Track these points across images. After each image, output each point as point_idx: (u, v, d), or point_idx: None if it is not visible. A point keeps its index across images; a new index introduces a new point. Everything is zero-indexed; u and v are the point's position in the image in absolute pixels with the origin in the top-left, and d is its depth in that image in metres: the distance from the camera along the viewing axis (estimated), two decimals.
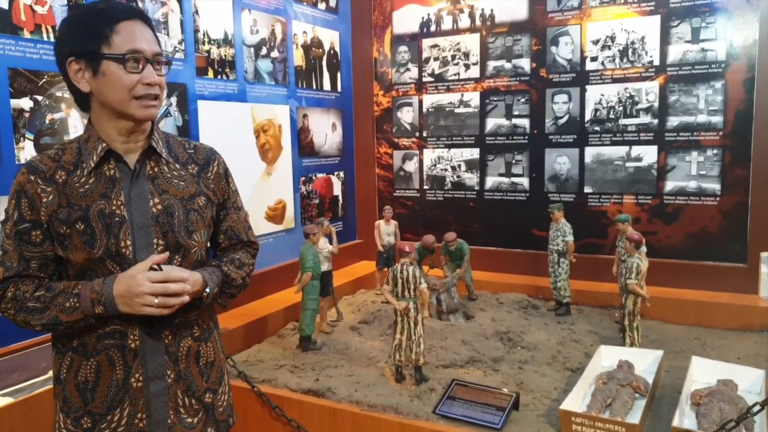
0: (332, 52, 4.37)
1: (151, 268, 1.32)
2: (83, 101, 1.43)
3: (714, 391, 2.25)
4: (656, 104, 3.66)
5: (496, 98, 4.15)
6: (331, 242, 3.39)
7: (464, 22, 4.19)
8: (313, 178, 4.26)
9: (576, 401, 2.27)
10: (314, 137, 4.22)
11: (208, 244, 1.57)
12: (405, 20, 4.41)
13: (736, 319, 3.26)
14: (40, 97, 2.52)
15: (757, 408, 1.69)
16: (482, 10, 4.12)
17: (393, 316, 3.37)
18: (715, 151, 3.55)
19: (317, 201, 4.31)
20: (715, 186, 3.57)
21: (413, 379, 2.62)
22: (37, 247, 1.38)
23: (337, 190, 4.53)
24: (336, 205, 4.53)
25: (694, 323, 3.31)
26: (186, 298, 1.36)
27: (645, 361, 2.61)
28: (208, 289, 1.44)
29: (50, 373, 2.61)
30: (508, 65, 4.08)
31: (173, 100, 3.02)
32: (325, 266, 3.21)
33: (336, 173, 4.50)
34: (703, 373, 2.48)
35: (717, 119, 3.52)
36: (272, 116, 3.80)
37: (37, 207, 1.36)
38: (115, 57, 1.34)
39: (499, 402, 2.35)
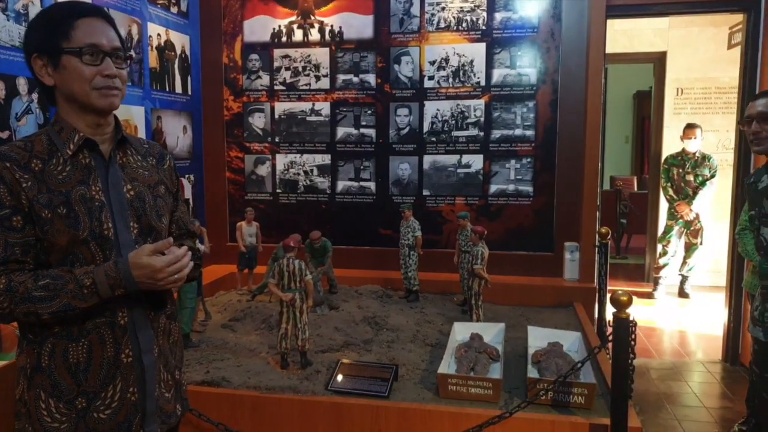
0: (183, 55, 4.36)
1: (162, 253, 1.43)
2: (50, 95, 1.50)
3: (549, 351, 2.82)
4: (482, 119, 4.30)
5: (345, 109, 4.49)
6: (202, 242, 3.44)
7: (314, 36, 4.47)
8: None
9: (445, 368, 2.68)
10: (167, 139, 4.18)
11: None
12: (256, 29, 4.56)
13: (549, 298, 3.99)
14: None
15: (591, 355, 2.24)
16: (331, 26, 4.44)
17: (263, 312, 3.58)
18: (528, 160, 4.28)
19: None
20: (529, 189, 4.30)
21: (297, 364, 2.83)
22: (18, 232, 1.39)
23: (188, 193, 4.52)
24: (187, 208, 4.50)
25: (518, 303, 3.98)
26: (189, 267, 1.50)
27: (491, 333, 3.12)
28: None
29: None
30: (356, 79, 4.46)
31: (34, 96, 2.87)
32: None
33: (187, 176, 4.48)
34: (537, 338, 3.04)
35: (530, 133, 4.25)
36: (129, 117, 3.72)
37: (16, 192, 1.38)
38: (72, 51, 1.42)
39: (382, 375, 2.67)
